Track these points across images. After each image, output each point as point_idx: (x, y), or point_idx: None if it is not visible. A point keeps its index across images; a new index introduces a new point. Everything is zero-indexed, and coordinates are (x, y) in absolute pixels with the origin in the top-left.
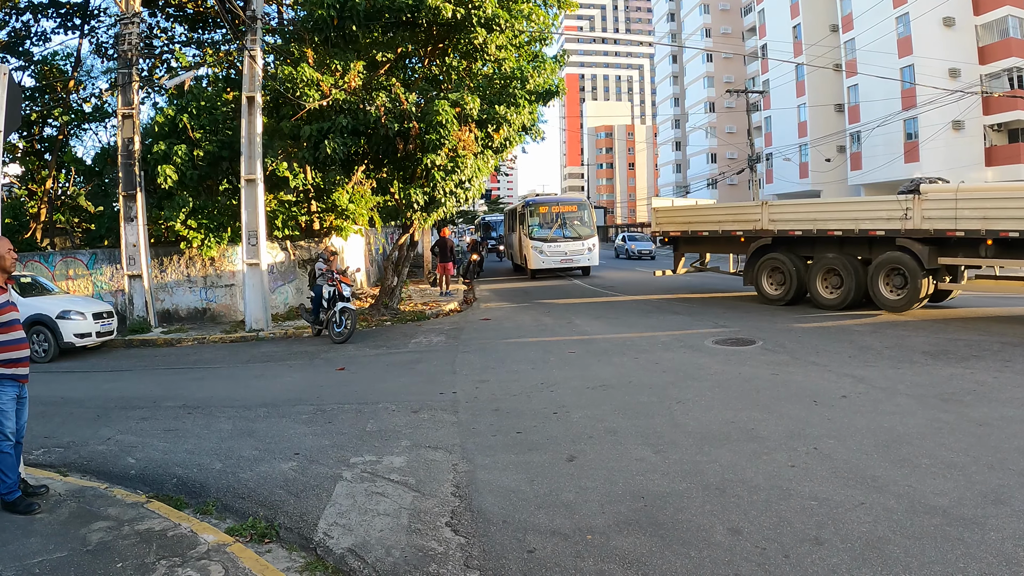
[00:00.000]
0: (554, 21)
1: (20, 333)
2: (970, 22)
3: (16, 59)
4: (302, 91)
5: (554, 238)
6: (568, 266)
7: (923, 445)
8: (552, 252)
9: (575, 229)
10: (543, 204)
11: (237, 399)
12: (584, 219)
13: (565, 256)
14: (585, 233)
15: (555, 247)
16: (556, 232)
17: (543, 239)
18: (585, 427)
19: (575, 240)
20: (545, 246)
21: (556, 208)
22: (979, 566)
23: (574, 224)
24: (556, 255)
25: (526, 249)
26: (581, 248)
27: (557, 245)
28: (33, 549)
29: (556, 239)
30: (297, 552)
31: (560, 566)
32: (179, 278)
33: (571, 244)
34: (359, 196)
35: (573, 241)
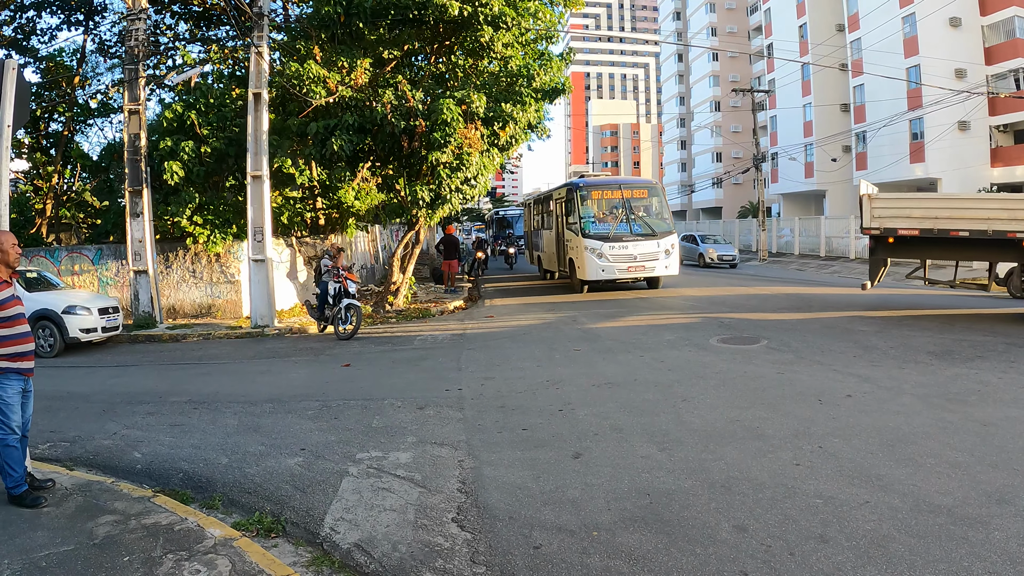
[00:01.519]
0: (560, 19)
1: (25, 327)
2: (976, 22)
3: (21, 55)
4: (309, 88)
5: (618, 236)
6: (637, 276)
7: (928, 445)
8: (616, 256)
9: (647, 223)
10: (600, 187)
11: (243, 395)
12: (657, 208)
13: (634, 261)
14: (661, 229)
15: (620, 249)
16: (620, 227)
17: (602, 237)
18: (591, 424)
19: (647, 238)
20: (606, 247)
21: (618, 193)
22: (983, 565)
23: (645, 215)
24: (621, 260)
25: (574, 251)
26: (655, 250)
27: (623, 246)
28: (40, 543)
29: (621, 237)
30: (304, 547)
31: (566, 562)
32: (184, 274)
33: (642, 244)
34: (365, 193)
35: (644, 240)
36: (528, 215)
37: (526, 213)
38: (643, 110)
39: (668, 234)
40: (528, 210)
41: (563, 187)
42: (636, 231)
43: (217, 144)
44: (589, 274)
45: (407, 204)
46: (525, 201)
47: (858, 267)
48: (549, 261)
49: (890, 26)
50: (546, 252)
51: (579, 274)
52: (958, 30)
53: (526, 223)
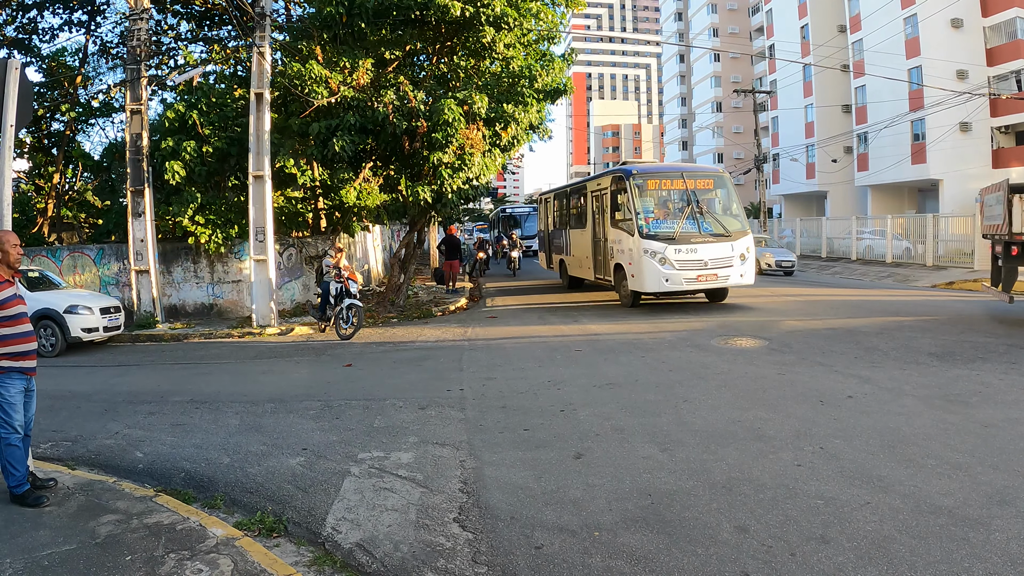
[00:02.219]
0: (562, 20)
1: (27, 326)
2: (978, 24)
3: (23, 55)
4: (311, 88)
5: (686, 236)
6: (708, 286)
7: (929, 446)
8: (683, 262)
9: (718, 221)
10: (658, 175)
11: (244, 394)
12: (726, 203)
13: (705, 269)
14: (734, 228)
15: (688, 253)
16: (688, 225)
17: (666, 238)
18: (592, 425)
19: (720, 240)
20: (671, 251)
21: (680, 182)
22: (984, 566)
23: (715, 211)
24: (690, 267)
25: (625, 255)
26: (729, 255)
27: (692, 250)
28: (42, 542)
29: (690, 238)
30: (305, 546)
31: (568, 562)
32: (186, 274)
33: (714, 248)
34: (366, 193)
35: (717, 242)
36: (545, 212)
37: (542, 210)
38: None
39: (743, 235)
40: (546, 206)
41: (606, 175)
42: (706, 231)
43: (219, 144)
44: (648, 284)
45: (409, 204)
46: (540, 196)
47: (860, 268)
48: (578, 266)
49: (892, 27)
50: (574, 256)
51: (633, 284)
52: (960, 31)
53: (541, 221)
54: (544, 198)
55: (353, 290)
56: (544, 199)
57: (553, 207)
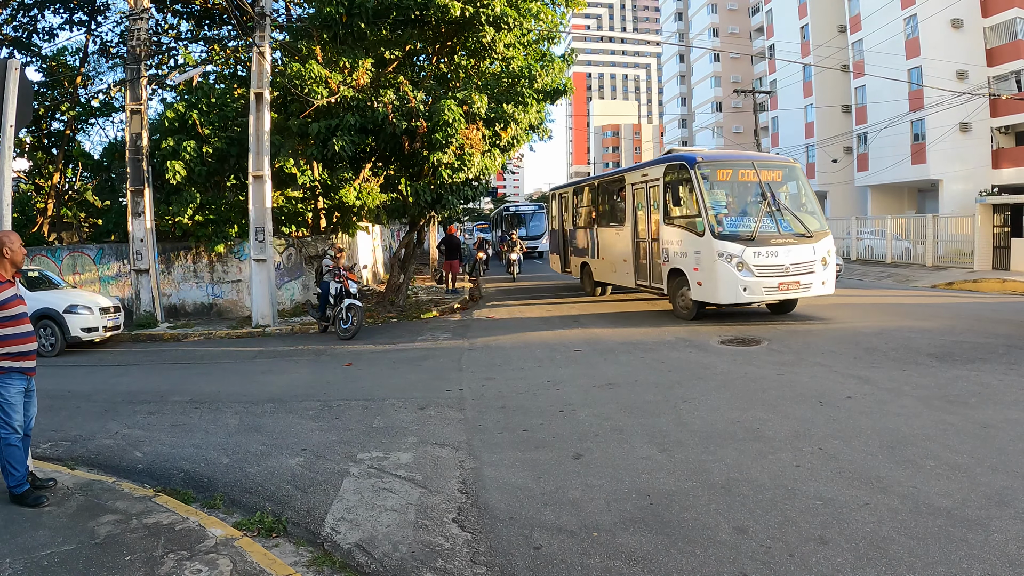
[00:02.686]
0: (562, 20)
1: (28, 326)
2: (978, 24)
3: (23, 55)
4: (310, 88)
5: (765, 237)
6: (789, 295)
7: (928, 446)
8: (763, 267)
9: (798, 219)
10: (726, 164)
11: (244, 394)
12: (801, 198)
13: (786, 275)
14: (814, 227)
15: (769, 257)
16: (766, 224)
17: (744, 238)
18: (591, 425)
19: (801, 241)
20: (750, 254)
21: (751, 173)
22: (983, 567)
23: (791, 207)
24: (770, 273)
25: (688, 259)
26: (811, 259)
27: (772, 253)
28: (41, 542)
29: (769, 239)
30: (304, 546)
31: (566, 563)
32: (186, 273)
33: (795, 250)
34: (366, 193)
35: (798, 243)
36: (561, 209)
37: (555, 207)
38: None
39: (824, 235)
40: (561, 203)
41: (655, 164)
42: (786, 230)
43: (219, 144)
44: (722, 293)
45: (409, 204)
46: (553, 191)
47: (859, 268)
48: (610, 271)
49: (892, 27)
50: (603, 259)
51: (699, 293)
52: (960, 31)
53: (553, 220)
54: (559, 194)
55: (353, 290)
56: (559, 195)
57: (572, 204)
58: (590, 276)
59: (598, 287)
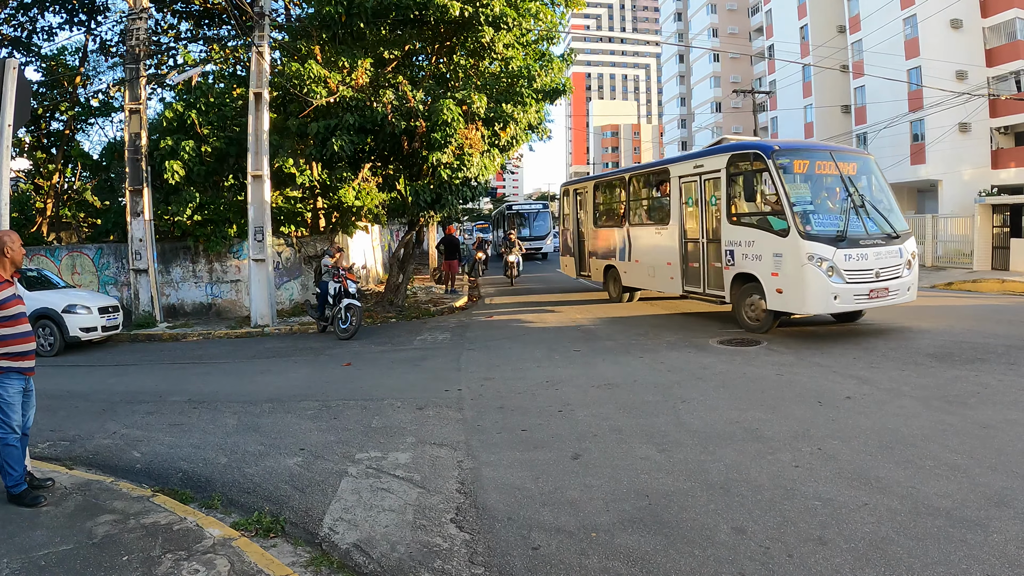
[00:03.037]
0: (561, 20)
1: (26, 326)
2: (977, 24)
3: (23, 54)
4: (309, 88)
5: (854, 237)
6: (879, 304)
7: (927, 447)
8: (855, 272)
9: (883, 216)
10: (807, 154)
11: (242, 394)
12: (880, 193)
13: (877, 281)
14: (900, 227)
15: (859, 260)
16: (854, 224)
17: (834, 239)
18: (590, 425)
19: (889, 242)
20: (840, 256)
21: (830, 165)
22: (982, 568)
23: (875, 205)
24: (861, 278)
25: (770, 263)
26: (898, 262)
27: (862, 255)
28: (39, 542)
29: (858, 240)
30: (302, 547)
31: (565, 563)
32: (185, 273)
33: (884, 252)
34: (365, 193)
35: (886, 244)
36: (576, 207)
37: (568, 205)
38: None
39: (908, 235)
40: (578, 200)
41: (717, 153)
42: (873, 230)
43: (218, 143)
44: (811, 302)
45: (408, 204)
46: (566, 187)
47: None
48: (646, 275)
49: (891, 28)
50: (638, 261)
51: (778, 301)
52: (959, 32)
53: (566, 219)
54: (574, 190)
55: (352, 290)
56: (574, 191)
57: (593, 201)
58: (616, 281)
59: (625, 292)
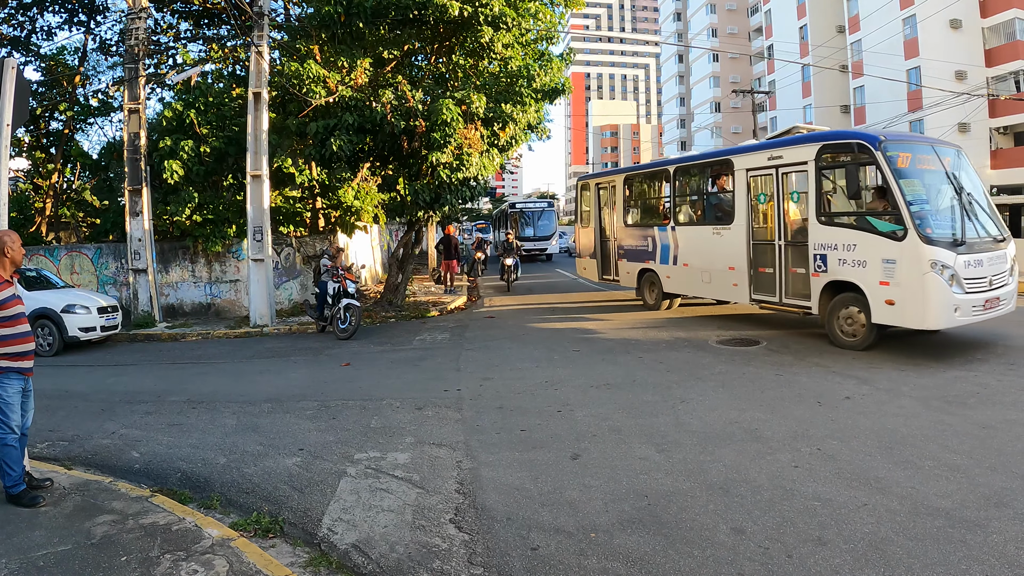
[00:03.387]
0: (560, 20)
1: (25, 326)
2: (977, 24)
3: (22, 54)
4: (308, 88)
5: (970, 241)
6: (993, 315)
7: (926, 447)
8: (973, 280)
9: (990, 217)
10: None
11: (241, 394)
12: (974, 191)
13: (990, 290)
14: (1002, 228)
15: (976, 267)
16: (967, 226)
17: (954, 243)
18: (589, 425)
19: (997, 245)
20: (960, 263)
21: (933, 159)
22: (981, 568)
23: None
24: (979, 287)
25: (877, 270)
26: (1006, 267)
27: (978, 261)
28: (38, 542)
29: (974, 245)
30: (301, 547)
31: (564, 564)
32: (184, 273)
33: (995, 257)
34: (364, 193)
35: (995, 248)
36: (598, 202)
37: (593, 200)
38: (643, 111)
39: (1009, 238)
40: (600, 195)
41: (803, 142)
42: (982, 233)
43: (217, 143)
44: (932, 315)
45: (407, 204)
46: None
47: None
48: (694, 281)
49: (891, 28)
50: (686, 266)
51: (886, 314)
52: (959, 32)
53: (585, 217)
54: (596, 184)
55: (351, 290)
56: (595, 185)
57: (624, 196)
58: (654, 286)
59: (665, 299)
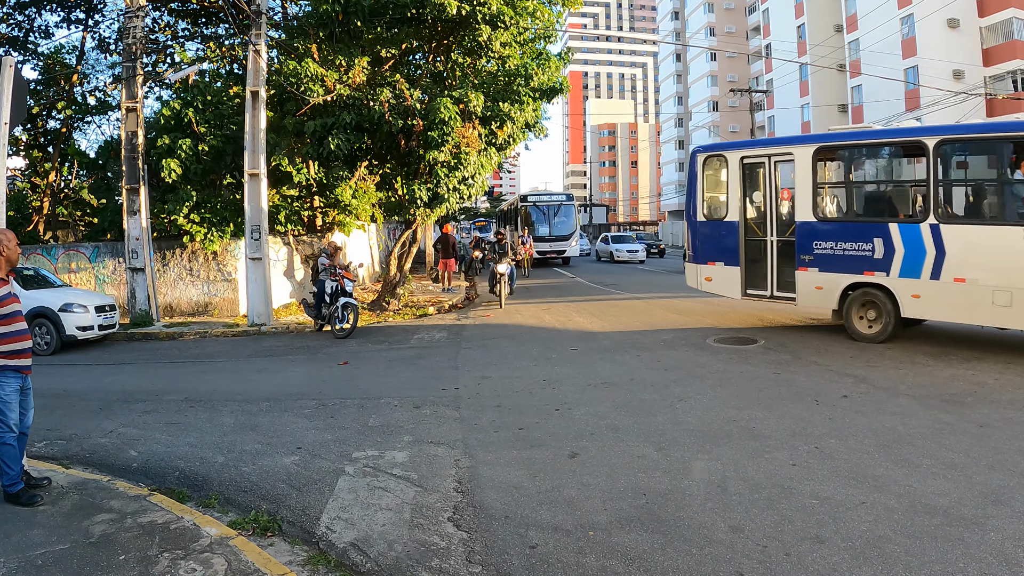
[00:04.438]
0: (558, 18)
1: (22, 325)
2: (975, 24)
3: (20, 53)
4: (306, 86)
5: None
6: None
7: (924, 445)
8: None
9: None
10: None
11: (239, 393)
12: None
13: None
14: None
15: None
16: None
17: None
18: (587, 424)
19: None
20: None
21: None
22: (979, 566)
23: None
24: None
25: None
26: None
27: None
28: (36, 541)
29: None
30: (300, 546)
31: (562, 562)
32: (181, 272)
33: None
34: (362, 192)
35: None
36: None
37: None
38: (641, 110)
39: None
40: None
41: None
42: None
43: (215, 142)
44: None
45: (405, 203)
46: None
47: None
48: (981, 303)
49: (888, 27)
50: (961, 282)
51: None
52: (956, 31)
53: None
54: (742, 159)
55: (349, 288)
56: (741, 161)
57: (812, 177)
58: (877, 308)
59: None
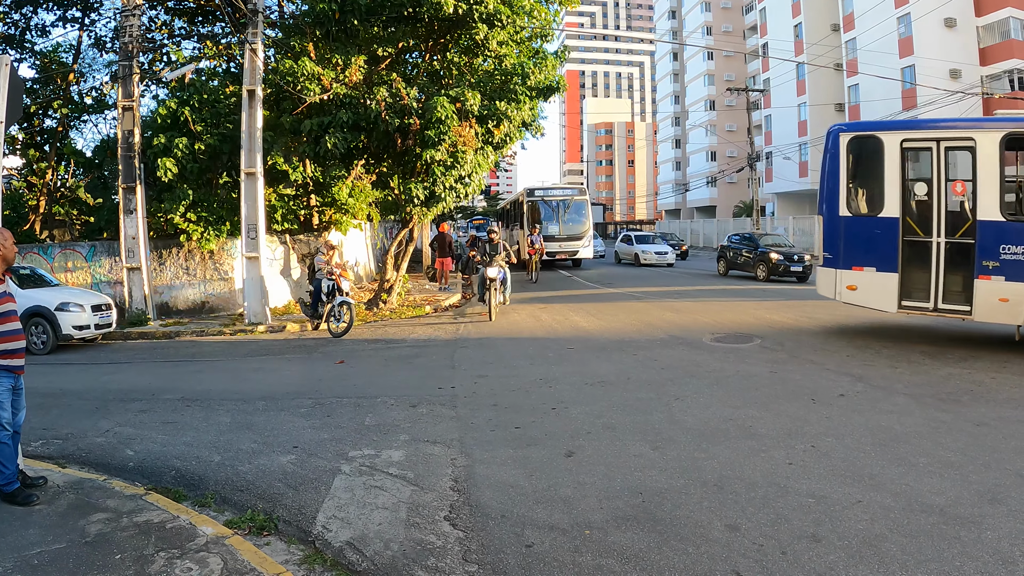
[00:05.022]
0: (555, 17)
1: (16, 324)
2: (971, 23)
3: (16, 51)
4: (303, 85)
5: None
6: None
7: (920, 444)
8: None
9: None
10: None
11: (236, 392)
12: None
13: None
14: None
15: None
16: None
17: None
18: (584, 423)
19: None
20: None
21: None
22: (975, 564)
23: None
24: None
25: None
26: None
27: None
28: (31, 540)
29: None
30: (296, 545)
31: (558, 561)
32: (178, 271)
33: None
34: (359, 191)
35: None
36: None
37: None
38: (638, 109)
39: None
40: (908, 163)
41: None
42: None
43: (211, 141)
44: None
45: (401, 202)
46: (888, 136)
47: None
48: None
49: (885, 26)
50: None
51: None
52: (953, 31)
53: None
54: (902, 143)
55: (345, 287)
56: (901, 146)
57: (1011, 168)
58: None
59: None
